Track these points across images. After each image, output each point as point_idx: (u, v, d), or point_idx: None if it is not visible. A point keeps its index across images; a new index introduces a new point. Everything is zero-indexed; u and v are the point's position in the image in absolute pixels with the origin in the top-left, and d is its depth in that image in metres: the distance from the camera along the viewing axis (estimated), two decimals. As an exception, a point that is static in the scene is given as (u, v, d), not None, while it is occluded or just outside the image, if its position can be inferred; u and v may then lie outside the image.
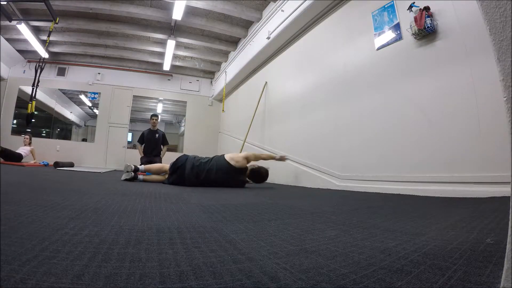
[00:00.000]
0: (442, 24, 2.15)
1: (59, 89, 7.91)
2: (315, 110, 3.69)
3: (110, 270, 0.46)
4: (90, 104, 9.15)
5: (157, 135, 5.37)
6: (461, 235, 0.77)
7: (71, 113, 9.34)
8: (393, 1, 2.61)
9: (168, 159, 4.08)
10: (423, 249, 0.64)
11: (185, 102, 8.44)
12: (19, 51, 6.94)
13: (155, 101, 9.24)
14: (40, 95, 6.87)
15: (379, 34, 2.73)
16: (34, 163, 5.77)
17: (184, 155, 2.88)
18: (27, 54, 7.11)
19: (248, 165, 2.99)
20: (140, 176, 2.71)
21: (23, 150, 5.76)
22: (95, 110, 8.42)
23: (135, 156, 7.69)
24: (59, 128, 8.92)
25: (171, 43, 6.04)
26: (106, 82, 7.81)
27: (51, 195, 1.37)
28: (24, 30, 5.63)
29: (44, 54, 5.20)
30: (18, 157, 5.52)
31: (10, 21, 4.91)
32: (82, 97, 8.73)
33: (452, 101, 2.04)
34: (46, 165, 5.73)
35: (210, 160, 2.83)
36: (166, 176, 2.77)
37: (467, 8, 1.95)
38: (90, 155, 7.48)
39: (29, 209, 0.94)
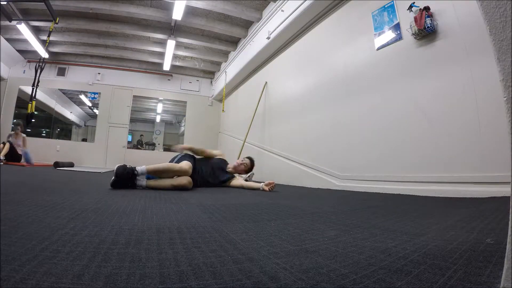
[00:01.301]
0: (442, 24, 2.15)
1: (59, 89, 7.92)
2: (315, 110, 3.69)
3: (110, 270, 0.46)
4: (90, 104, 9.16)
5: None
6: (461, 235, 0.77)
7: (71, 113, 9.35)
8: (393, 1, 2.61)
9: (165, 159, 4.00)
10: (423, 249, 0.64)
11: (185, 102, 8.44)
12: (19, 51, 6.95)
13: (155, 101, 9.25)
14: (40, 95, 6.88)
15: (379, 34, 2.73)
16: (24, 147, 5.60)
17: (187, 154, 2.85)
18: (27, 54, 7.11)
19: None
20: (143, 182, 2.09)
21: (19, 148, 5.61)
22: (95, 110, 8.42)
23: (135, 156, 7.75)
24: (59, 128, 8.93)
25: (171, 43, 6.04)
26: (106, 82, 7.81)
27: (51, 195, 1.37)
28: (24, 30, 5.63)
29: (44, 54, 5.20)
30: (19, 158, 5.50)
31: (10, 21, 4.92)
32: (82, 97, 8.73)
33: (452, 101, 2.04)
34: (28, 157, 5.35)
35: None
36: (175, 177, 2.22)
37: (467, 8, 1.95)
38: (90, 155, 7.49)
39: (29, 209, 0.94)
